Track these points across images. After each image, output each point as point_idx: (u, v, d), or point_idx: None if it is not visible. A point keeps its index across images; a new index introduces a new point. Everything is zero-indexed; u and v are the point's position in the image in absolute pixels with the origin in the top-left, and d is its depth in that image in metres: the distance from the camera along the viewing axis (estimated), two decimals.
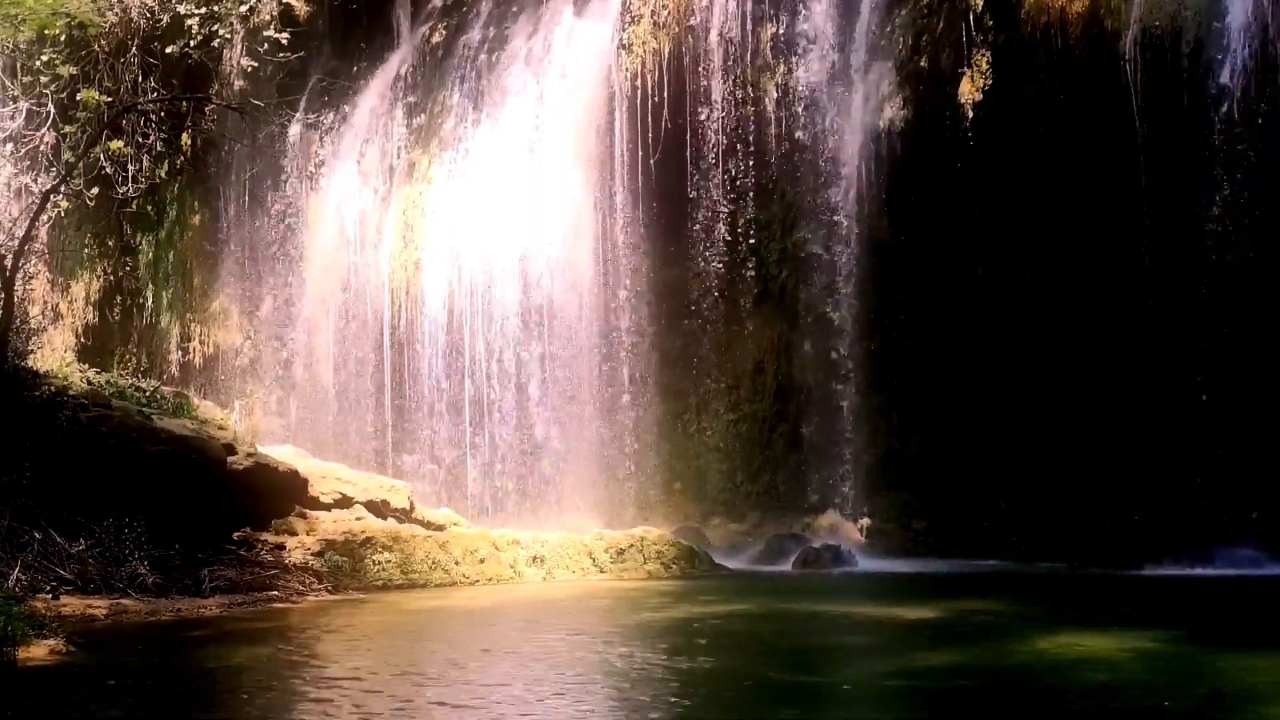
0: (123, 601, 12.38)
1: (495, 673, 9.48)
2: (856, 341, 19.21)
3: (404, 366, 21.90)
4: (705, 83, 20.03)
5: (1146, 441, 16.32)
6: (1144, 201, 16.24)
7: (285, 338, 23.54)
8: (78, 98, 22.26)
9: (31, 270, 22.09)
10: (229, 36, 23.73)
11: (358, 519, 15.97)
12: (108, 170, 23.49)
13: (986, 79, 17.72)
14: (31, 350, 16.75)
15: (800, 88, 19.56)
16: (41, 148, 23.30)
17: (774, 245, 20.27)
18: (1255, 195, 15.56)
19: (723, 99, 19.91)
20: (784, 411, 20.11)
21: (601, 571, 15.99)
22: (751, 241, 20.14)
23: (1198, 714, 7.64)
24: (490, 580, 15.36)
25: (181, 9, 23.43)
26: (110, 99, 22.77)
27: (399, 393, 21.96)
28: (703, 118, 20.01)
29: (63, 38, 22.58)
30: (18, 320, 15.71)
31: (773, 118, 19.77)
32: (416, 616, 12.95)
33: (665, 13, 20.47)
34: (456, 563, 15.42)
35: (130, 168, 23.72)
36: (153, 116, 23.25)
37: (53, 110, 22.92)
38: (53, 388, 14.79)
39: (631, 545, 16.34)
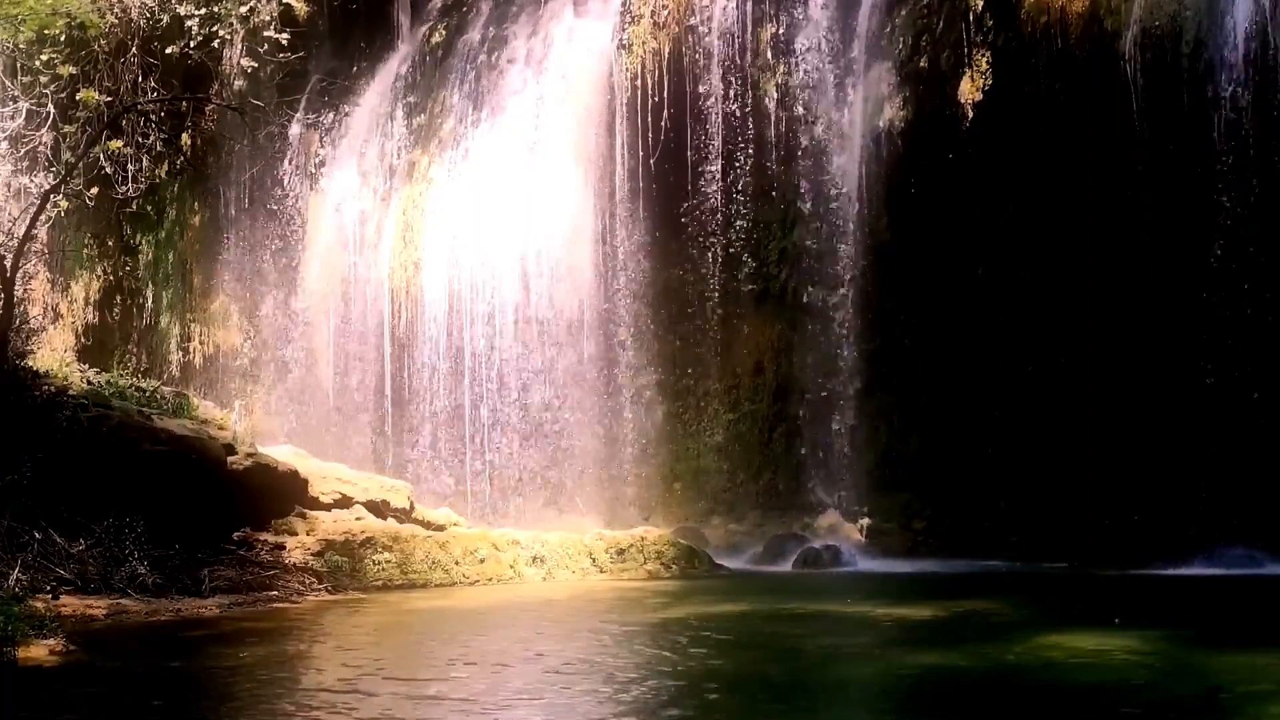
0: (122, 601, 12.38)
1: (494, 673, 9.48)
2: (856, 341, 19.21)
3: (404, 366, 21.90)
4: (705, 83, 20.03)
5: (1147, 442, 16.32)
6: (1144, 201, 16.24)
7: (285, 338, 23.53)
8: (78, 98, 22.26)
9: (31, 270, 22.10)
10: (229, 37, 23.72)
11: (358, 519, 15.96)
12: (108, 170, 23.49)
13: (986, 79, 17.72)
14: (31, 350, 16.74)
15: (800, 88, 19.55)
16: (41, 148, 23.30)
17: (774, 245, 20.26)
18: (1256, 195, 15.56)
19: (723, 99, 19.91)
20: (784, 411, 20.11)
21: (601, 571, 15.99)
22: (751, 241, 20.14)
23: (1198, 714, 7.64)
24: (490, 580, 15.36)
25: (181, 9, 23.43)
26: (110, 99, 22.77)
27: (399, 393, 21.97)
28: (703, 118, 20.01)
29: (63, 38, 22.57)
30: (18, 320, 15.70)
31: (773, 118, 19.77)
32: (416, 616, 12.95)
33: (665, 13, 20.47)
34: (456, 563, 15.42)
35: (130, 168, 23.72)
36: (153, 116, 23.24)
37: (53, 110, 22.91)
38: (53, 388, 14.79)
39: (631, 545, 16.34)
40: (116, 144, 22.41)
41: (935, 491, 18.21)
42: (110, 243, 25.61)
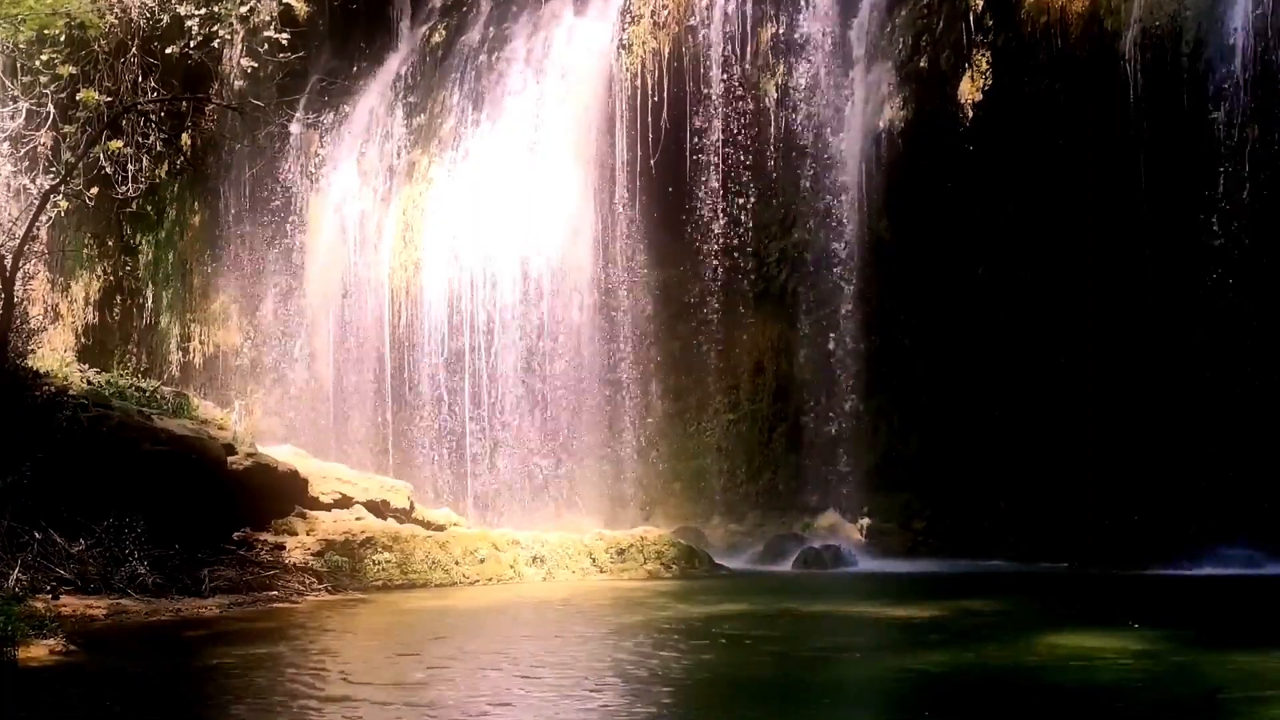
0: (122, 601, 12.38)
1: (494, 673, 9.48)
2: (856, 341, 19.21)
3: (404, 366, 21.90)
4: (705, 83, 20.02)
5: (1147, 441, 16.32)
6: (1144, 201, 16.25)
7: (285, 338, 23.53)
8: (78, 98, 22.25)
9: (31, 270, 22.05)
10: (229, 37, 23.72)
11: (358, 519, 15.96)
12: (108, 170, 23.48)
13: (986, 79, 17.72)
14: (31, 350, 16.73)
15: (800, 88, 19.56)
16: (41, 148, 23.30)
17: (774, 245, 20.26)
18: (1256, 194, 15.57)
19: (723, 99, 19.90)
20: (784, 411, 20.11)
21: (601, 571, 16.00)
22: (751, 241, 20.13)
23: (1198, 714, 7.64)
24: (490, 580, 15.36)
25: (181, 9, 23.42)
26: (110, 99, 22.76)
27: (399, 393, 21.95)
28: (703, 118, 20.00)
29: (63, 38, 22.56)
30: (18, 320, 15.70)
31: (773, 118, 19.76)
32: (416, 616, 12.96)
33: (665, 13, 20.47)
34: (456, 563, 15.42)
35: (130, 168, 23.71)
36: (153, 116, 23.24)
37: (53, 110, 22.91)
38: (53, 388, 14.80)
39: (631, 545, 16.35)
40: (116, 144, 22.39)
41: (935, 491, 18.21)
42: (110, 243, 25.60)
